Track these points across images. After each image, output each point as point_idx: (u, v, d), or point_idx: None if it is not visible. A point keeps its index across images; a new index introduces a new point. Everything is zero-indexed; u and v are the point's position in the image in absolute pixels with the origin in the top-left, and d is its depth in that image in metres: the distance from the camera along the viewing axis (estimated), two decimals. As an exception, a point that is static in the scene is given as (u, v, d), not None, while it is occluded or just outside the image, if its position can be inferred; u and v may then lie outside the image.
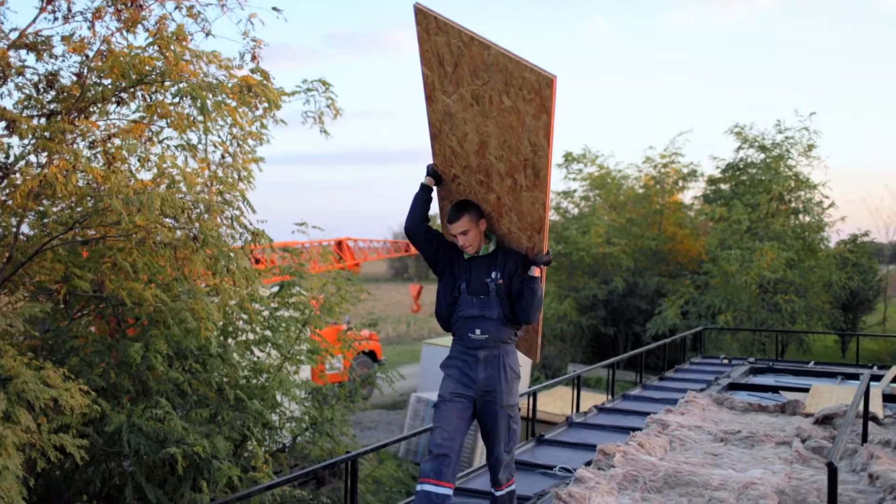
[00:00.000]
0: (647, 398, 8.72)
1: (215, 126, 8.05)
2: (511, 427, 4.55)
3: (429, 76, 4.16)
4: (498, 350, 4.56)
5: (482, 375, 4.52)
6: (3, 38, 7.09)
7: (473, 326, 4.57)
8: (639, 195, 25.62)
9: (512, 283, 4.58)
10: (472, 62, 3.82)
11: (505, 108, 3.88)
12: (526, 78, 3.61)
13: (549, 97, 3.60)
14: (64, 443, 5.46)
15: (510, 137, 4.02)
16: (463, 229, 4.53)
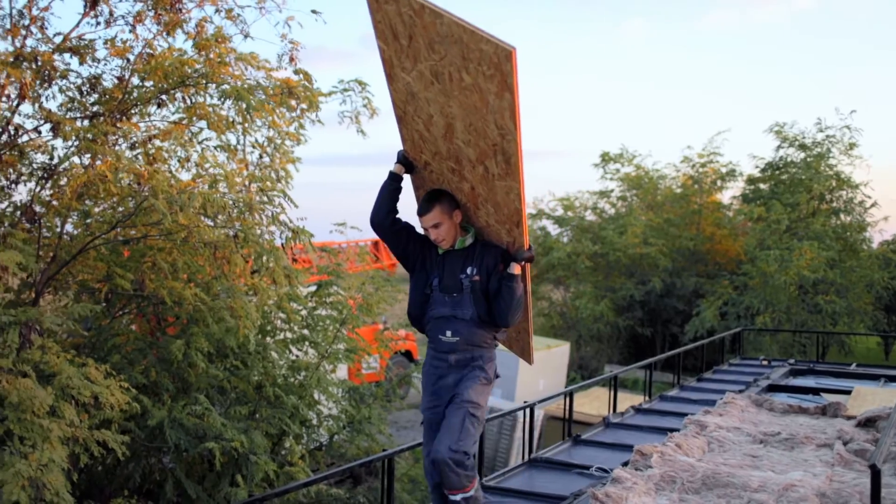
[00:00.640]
0: (684, 399, 8.66)
1: (253, 127, 8.15)
2: (465, 424, 4.00)
3: (385, 51, 3.77)
4: (471, 354, 4.19)
5: (451, 380, 4.18)
6: (47, 42, 7.23)
7: (444, 328, 4.20)
8: (676, 195, 25.41)
9: (490, 280, 4.17)
10: (426, 34, 3.42)
11: (466, 85, 3.48)
12: (483, 51, 3.21)
13: (509, 72, 3.20)
14: (106, 438, 5.55)
15: (476, 119, 3.62)
16: (434, 222, 4.16)
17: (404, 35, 3.55)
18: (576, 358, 23.83)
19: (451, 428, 3.97)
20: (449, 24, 3.25)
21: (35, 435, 4.59)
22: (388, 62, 3.81)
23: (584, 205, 26.58)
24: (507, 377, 17.70)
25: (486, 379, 4.20)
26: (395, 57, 3.74)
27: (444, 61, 3.46)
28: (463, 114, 3.66)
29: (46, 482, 4.27)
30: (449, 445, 3.90)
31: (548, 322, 25.59)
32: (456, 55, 3.37)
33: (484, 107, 3.48)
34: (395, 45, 3.66)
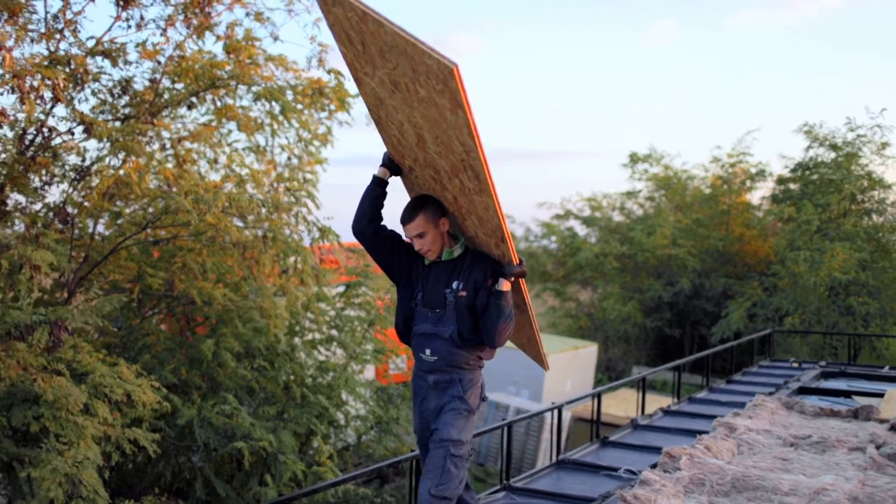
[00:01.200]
0: (713, 401, 8.59)
1: (282, 129, 8.22)
2: (446, 465, 3.69)
3: (346, 54, 3.57)
4: (450, 376, 3.83)
5: (432, 405, 3.87)
6: (80, 45, 7.32)
7: (425, 345, 3.86)
8: (705, 195, 25.21)
9: (478, 296, 3.79)
10: (375, 41, 3.20)
11: (422, 98, 3.23)
12: (429, 65, 2.96)
13: (456, 90, 2.94)
14: (137, 437, 5.62)
15: (440, 133, 3.36)
16: (418, 231, 3.77)
17: (357, 41, 3.36)
18: (603, 359, 23.72)
19: (431, 471, 3.70)
20: (392, 35, 3.01)
21: (70, 432, 4.66)
22: (352, 66, 3.63)
23: (611, 205, 26.47)
24: (534, 378, 17.67)
25: (468, 410, 3.83)
26: (355, 61, 3.55)
27: (397, 71, 3.24)
28: (428, 125, 3.40)
29: (82, 479, 4.33)
30: (429, 490, 3.67)
31: (575, 323, 25.50)
32: (406, 66, 3.14)
33: (444, 121, 3.24)
34: (353, 49, 3.47)
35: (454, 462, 3.71)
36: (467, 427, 3.81)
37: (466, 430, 3.80)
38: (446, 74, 2.90)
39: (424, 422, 3.92)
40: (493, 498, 5.19)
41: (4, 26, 6.23)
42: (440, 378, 3.83)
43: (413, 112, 3.42)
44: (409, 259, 3.96)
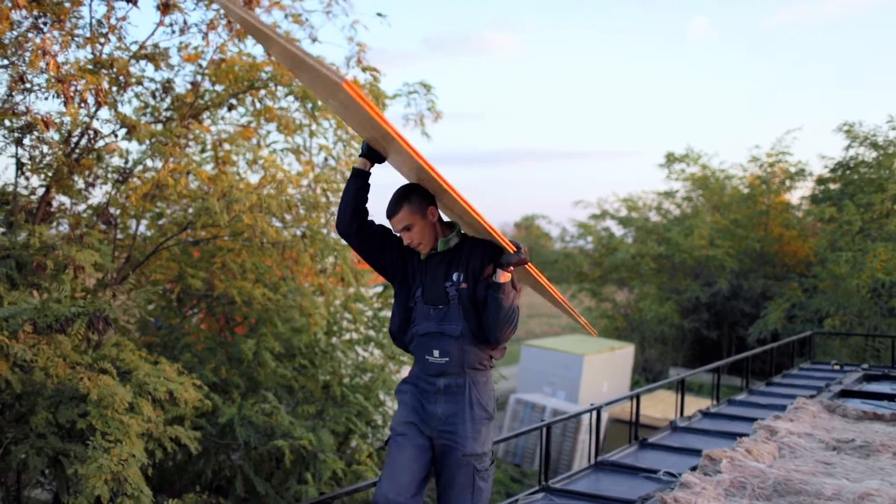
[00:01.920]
0: (753, 404, 8.49)
1: (320, 129, 8.28)
2: (476, 484, 3.39)
3: (302, 80, 3.34)
4: (463, 379, 3.45)
5: (441, 410, 3.44)
6: (124, 50, 7.44)
7: (431, 346, 3.47)
8: (743, 195, 24.95)
9: (478, 286, 3.43)
10: (280, 52, 2.96)
11: (348, 107, 2.90)
12: (331, 80, 2.53)
13: (358, 107, 2.61)
14: (179, 435, 5.70)
15: (380, 138, 3.09)
16: (404, 224, 3.41)
17: (286, 59, 3.09)
18: (640, 360, 23.57)
19: (461, 492, 3.39)
20: (282, 47, 2.70)
21: (115, 430, 4.73)
22: (313, 90, 3.40)
23: (648, 205, 26.31)
24: (571, 379, 17.63)
25: (487, 417, 3.49)
26: (309, 85, 3.30)
27: (317, 82, 2.94)
28: (380, 136, 3.07)
29: (127, 476, 4.40)
30: None
31: (611, 324, 25.38)
32: (317, 81, 2.87)
33: (375, 129, 2.92)
34: (299, 74, 3.21)
35: (482, 477, 3.42)
36: (489, 436, 3.48)
37: (488, 439, 3.48)
38: (339, 89, 2.52)
39: (418, 418, 3.49)
40: (531, 499, 5.18)
41: (51, 31, 6.35)
42: (451, 381, 3.45)
43: (357, 123, 3.19)
44: (403, 255, 3.59)
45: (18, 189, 7.07)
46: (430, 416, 3.47)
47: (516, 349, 24.82)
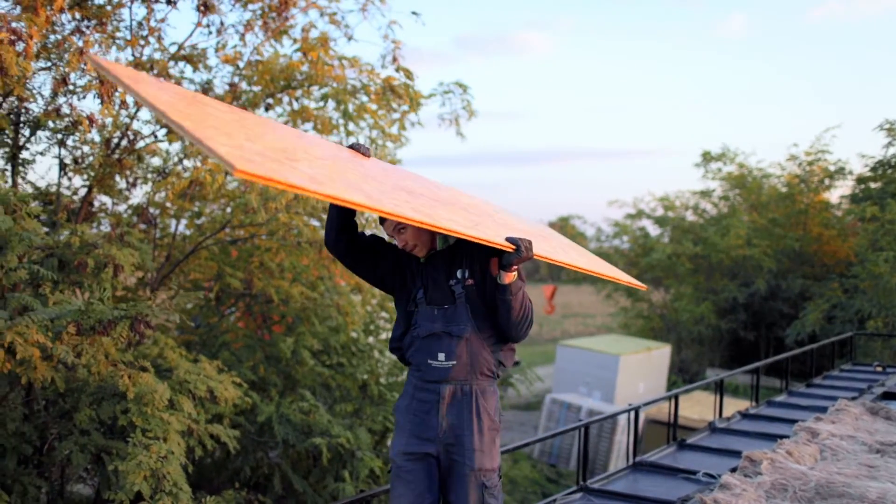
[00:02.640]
0: (793, 405, 8.39)
1: (357, 128, 8.32)
2: (485, 500, 3.10)
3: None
4: (470, 386, 3.14)
5: (445, 422, 3.12)
6: (163, 51, 7.53)
7: (435, 349, 3.15)
8: (782, 194, 24.65)
9: (486, 282, 3.15)
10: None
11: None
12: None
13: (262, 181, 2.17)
14: (219, 432, 5.75)
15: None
16: (395, 225, 3.18)
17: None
18: (676, 361, 23.39)
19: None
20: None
21: (156, 427, 4.79)
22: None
23: (684, 204, 26.09)
24: (607, 379, 17.55)
25: (494, 428, 3.19)
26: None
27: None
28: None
29: (166, 474, 4.45)
30: None
31: (647, 324, 25.21)
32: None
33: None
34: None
35: (491, 493, 3.13)
36: (497, 449, 3.20)
37: (496, 452, 3.20)
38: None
39: (420, 442, 3.18)
40: (569, 499, 5.16)
41: (92, 34, 6.44)
42: (457, 388, 3.14)
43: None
44: (400, 260, 3.31)
45: (61, 189, 7.19)
46: (432, 429, 3.14)
47: (552, 349, 24.75)
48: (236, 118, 2.63)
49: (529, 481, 12.08)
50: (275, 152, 2.37)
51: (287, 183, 2.10)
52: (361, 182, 2.65)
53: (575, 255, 3.94)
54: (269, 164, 2.18)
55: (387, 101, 8.11)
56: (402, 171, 3.51)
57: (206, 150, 2.05)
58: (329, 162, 2.73)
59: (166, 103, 2.29)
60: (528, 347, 30.31)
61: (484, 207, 3.78)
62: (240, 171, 1.97)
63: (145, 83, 2.41)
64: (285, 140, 2.68)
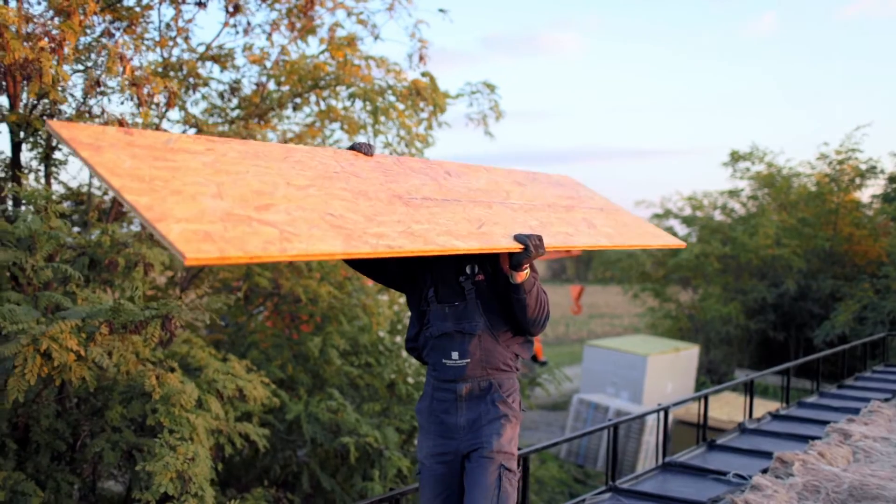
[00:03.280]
0: (824, 406, 8.30)
1: (385, 128, 8.34)
2: (503, 486, 3.00)
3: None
4: (488, 382, 3.11)
5: (464, 420, 3.11)
6: (191, 52, 7.59)
7: (449, 348, 3.13)
8: (811, 193, 24.38)
9: (498, 276, 3.13)
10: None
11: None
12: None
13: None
14: (248, 431, 5.79)
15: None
16: None
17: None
18: (704, 362, 23.21)
19: (484, 492, 2.98)
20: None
21: (183, 428, 4.82)
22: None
23: (712, 204, 25.88)
24: (635, 380, 17.46)
25: (515, 417, 3.14)
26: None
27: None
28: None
29: (192, 475, 4.47)
30: None
31: (675, 324, 25.04)
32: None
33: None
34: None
35: (509, 479, 3.03)
36: (515, 438, 3.14)
37: (515, 440, 3.14)
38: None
39: (444, 446, 3.15)
40: (599, 499, 5.14)
41: (123, 36, 6.50)
42: (474, 385, 3.11)
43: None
44: (410, 261, 3.27)
45: (92, 189, 7.26)
46: (452, 429, 3.13)
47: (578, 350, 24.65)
48: (211, 162, 2.54)
49: (556, 481, 12.04)
50: (244, 205, 2.34)
51: (247, 256, 2.09)
52: (347, 209, 2.62)
53: (601, 222, 3.87)
54: (230, 230, 2.15)
55: (413, 103, 8.13)
56: (406, 163, 3.41)
57: (157, 235, 2.05)
58: (313, 190, 2.67)
59: (125, 173, 2.23)
60: (555, 348, 30.24)
61: (501, 185, 3.70)
62: (190, 261, 1.99)
63: (108, 147, 2.34)
64: (266, 173, 2.63)
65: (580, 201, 4.06)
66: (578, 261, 51.07)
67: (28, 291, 5.44)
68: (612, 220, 3.98)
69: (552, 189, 4.06)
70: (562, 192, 4.09)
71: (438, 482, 3.18)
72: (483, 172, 3.76)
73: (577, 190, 4.30)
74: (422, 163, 3.51)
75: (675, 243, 4.12)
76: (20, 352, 4.23)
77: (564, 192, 4.11)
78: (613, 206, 4.26)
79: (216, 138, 2.76)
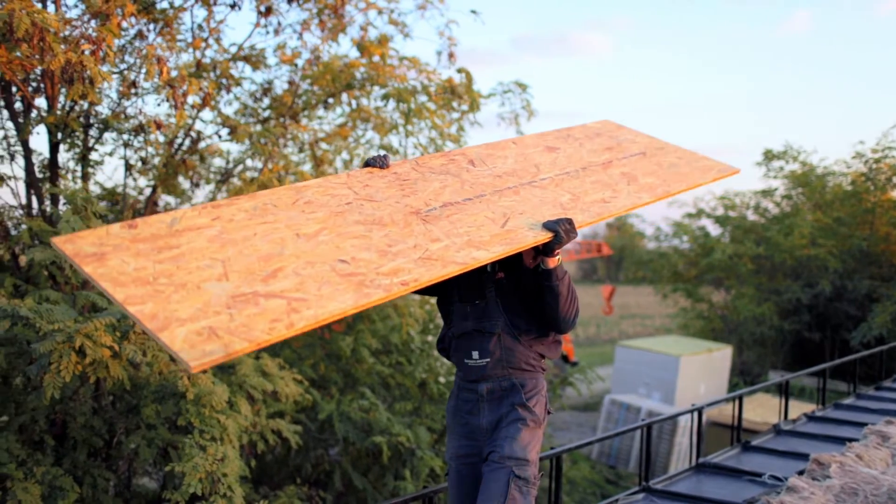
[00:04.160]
0: (862, 408, 8.18)
1: (416, 129, 8.36)
2: (511, 493, 2.87)
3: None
4: (509, 381, 3.04)
5: (485, 421, 3.07)
6: (223, 52, 7.65)
7: (470, 348, 3.08)
8: (847, 193, 24.03)
9: (519, 275, 3.06)
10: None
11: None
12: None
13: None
14: (281, 428, 5.82)
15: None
16: None
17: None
18: (737, 363, 22.99)
19: (489, 500, 2.88)
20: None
21: (213, 429, 4.85)
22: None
23: (745, 203, 25.60)
24: (667, 381, 17.33)
25: (534, 421, 3.03)
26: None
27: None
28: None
29: (221, 476, 4.51)
30: None
31: (707, 325, 24.82)
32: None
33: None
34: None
35: (519, 486, 2.91)
36: (533, 442, 3.01)
37: (532, 446, 3.01)
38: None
39: (468, 446, 3.12)
40: (632, 499, 5.11)
41: (156, 38, 6.57)
42: (495, 386, 3.05)
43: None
44: None
45: (127, 190, 7.34)
46: (476, 430, 3.10)
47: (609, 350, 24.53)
48: (217, 234, 2.51)
49: (588, 482, 11.99)
50: (251, 278, 2.32)
51: (253, 344, 2.08)
52: (360, 248, 2.59)
53: (643, 170, 3.68)
54: (236, 317, 2.14)
55: (446, 102, 8.13)
56: (425, 165, 3.33)
57: (162, 345, 2.05)
58: (324, 235, 2.63)
59: (128, 279, 2.22)
60: (586, 349, 30.11)
61: (530, 158, 3.58)
62: (196, 368, 1.98)
63: (112, 252, 2.33)
64: (274, 230, 2.59)
65: (620, 150, 3.88)
66: (609, 261, 50.82)
67: (66, 290, 5.51)
68: (655, 164, 3.81)
69: (588, 143, 3.90)
70: (599, 145, 3.91)
71: (465, 483, 3.14)
72: (511, 148, 3.66)
73: (616, 136, 4.10)
74: (442, 158, 3.44)
75: (727, 171, 3.86)
76: (56, 349, 4.29)
77: (602, 144, 3.93)
78: (657, 145, 4.05)
79: (222, 202, 2.72)
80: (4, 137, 6.13)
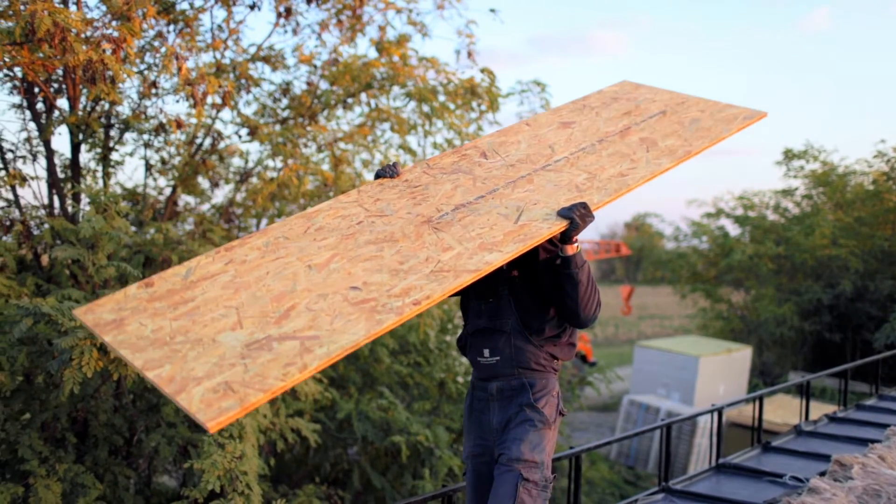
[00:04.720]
0: (884, 409, 8.10)
1: (434, 129, 8.36)
2: (518, 495, 2.82)
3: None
4: (519, 381, 3.01)
5: (496, 420, 3.04)
6: (242, 52, 7.69)
7: (482, 346, 3.07)
8: (868, 192, 23.83)
9: (535, 272, 3.02)
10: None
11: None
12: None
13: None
14: (300, 426, 5.84)
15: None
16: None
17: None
18: (757, 363, 22.84)
19: (499, 502, 2.85)
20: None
21: (231, 427, 4.87)
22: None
23: (765, 203, 25.44)
24: (686, 381, 17.25)
25: (542, 422, 2.98)
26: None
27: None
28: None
29: (239, 474, 4.53)
30: None
31: (727, 325, 24.68)
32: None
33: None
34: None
35: (527, 489, 2.86)
36: (542, 444, 2.96)
37: (542, 447, 2.95)
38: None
39: (483, 442, 3.11)
40: (652, 499, 5.09)
41: (176, 38, 6.61)
42: (504, 385, 3.03)
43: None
44: None
45: (147, 189, 7.39)
46: (487, 429, 3.08)
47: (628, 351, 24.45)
48: (230, 280, 2.56)
49: (607, 482, 11.96)
50: (264, 322, 2.34)
51: (268, 394, 2.09)
52: (372, 270, 2.60)
53: (663, 132, 3.57)
54: (251, 367, 2.16)
55: (466, 102, 8.13)
56: (437, 165, 3.31)
57: (181, 407, 2.08)
58: (336, 262, 2.65)
59: (147, 343, 2.28)
60: (605, 349, 30.02)
61: (544, 139, 3.51)
62: (213, 428, 2.00)
63: (130, 315, 2.40)
64: (286, 266, 2.62)
65: (638, 113, 3.77)
66: (628, 261, 50.67)
67: (87, 289, 5.55)
68: (676, 123, 3.69)
69: (605, 112, 3.80)
70: (616, 111, 3.81)
71: (481, 482, 3.13)
72: (524, 131, 3.61)
73: (635, 98, 3.98)
74: (454, 155, 3.40)
75: (754, 117, 3.69)
76: (77, 345, 4.32)
77: (620, 109, 3.82)
78: (679, 100, 3.93)
79: (234, 243, 2.76)
80: (27, 138, 6.18)
